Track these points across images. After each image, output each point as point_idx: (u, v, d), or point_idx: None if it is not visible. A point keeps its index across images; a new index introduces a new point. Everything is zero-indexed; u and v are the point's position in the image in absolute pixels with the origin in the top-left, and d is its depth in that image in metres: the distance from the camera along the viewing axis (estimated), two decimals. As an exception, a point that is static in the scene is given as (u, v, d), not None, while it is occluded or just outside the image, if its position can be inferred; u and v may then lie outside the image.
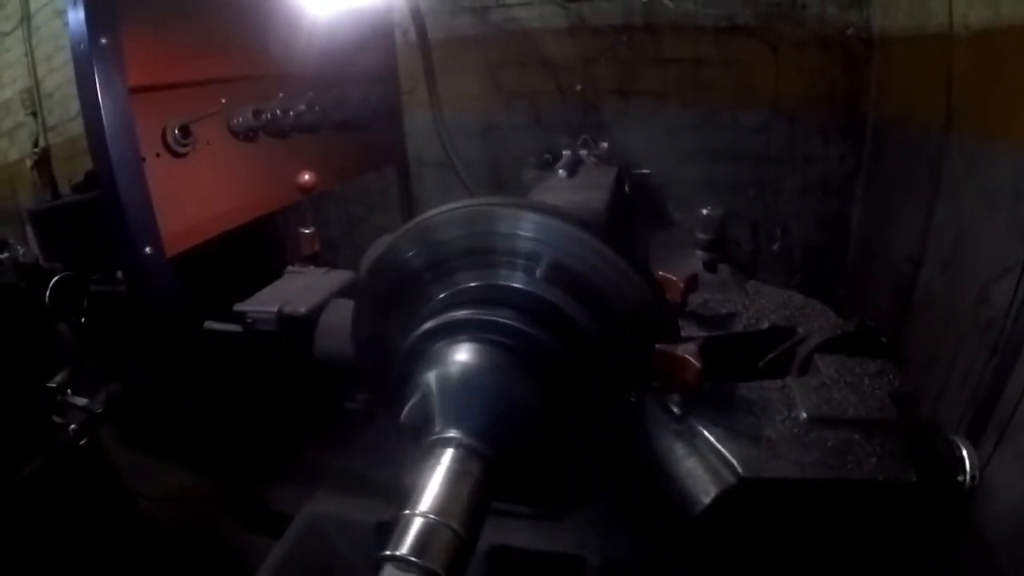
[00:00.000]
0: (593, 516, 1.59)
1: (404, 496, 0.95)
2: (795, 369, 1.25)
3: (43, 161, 4.53)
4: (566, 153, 2.63)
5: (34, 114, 4.58)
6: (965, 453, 1.06)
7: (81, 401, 1.81)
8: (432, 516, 0.90)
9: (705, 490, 1.01)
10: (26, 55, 4.45)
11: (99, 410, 1.83)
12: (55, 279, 1.81)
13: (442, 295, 1.25)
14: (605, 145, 3.01)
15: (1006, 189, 2.16)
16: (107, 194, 1.66)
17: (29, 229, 2.52)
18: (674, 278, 1.29)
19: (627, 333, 1.16)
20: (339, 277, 1.89)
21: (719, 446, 1.02)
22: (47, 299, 1.79)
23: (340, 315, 1.61)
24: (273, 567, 1.80)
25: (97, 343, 1.97)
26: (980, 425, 1.86)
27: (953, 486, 1.05)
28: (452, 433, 1.02)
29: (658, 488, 1.08)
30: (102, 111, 1.59)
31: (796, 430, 1.05)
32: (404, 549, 0.86)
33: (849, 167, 3.41)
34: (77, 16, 1.58)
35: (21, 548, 1.72)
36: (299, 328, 1.63)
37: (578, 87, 3.63)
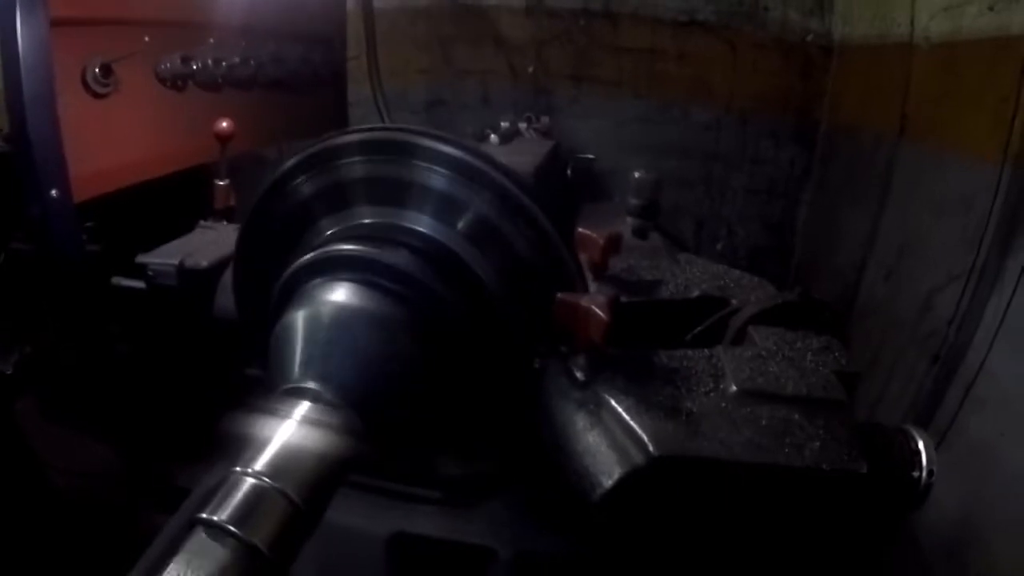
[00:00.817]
0: (509, 503, 1.41)
1: (239, 450, 0.77)
2: (727, 342, 1.06)
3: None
4: (504, 124, 2.47)
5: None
6: (922, 445, 0.89)
7: (-10, 362, 1.70)
8: (266, 479, 0.74)
9: (607, 471, 0.81)
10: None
11: (9, 372, 1.73)
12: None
13: (333, 229, 1.07)
14: (546, 119, 2.90)
15: (956, 199, 2.14)
16: (16, 129, 1.57)
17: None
18: (594, 235, 1.11)
19: (536, 293, 1.00)
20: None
21: (627, 418, 0.82)
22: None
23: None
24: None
25: (13, 303, 1.84)
26: (920, 432, 1.78)
27: (907, 482, 0.88)
28: (310, 384, 0.85)
29: (558, 467, 0.88)
30: (19, 39, 1.50)
31: (724, 404, 0.86)
32: (223, 514, 0.70)
33: (799, 171, 3.38)
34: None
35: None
36: (201, 283, 1.50)
37: (530, 69, 3.51)
